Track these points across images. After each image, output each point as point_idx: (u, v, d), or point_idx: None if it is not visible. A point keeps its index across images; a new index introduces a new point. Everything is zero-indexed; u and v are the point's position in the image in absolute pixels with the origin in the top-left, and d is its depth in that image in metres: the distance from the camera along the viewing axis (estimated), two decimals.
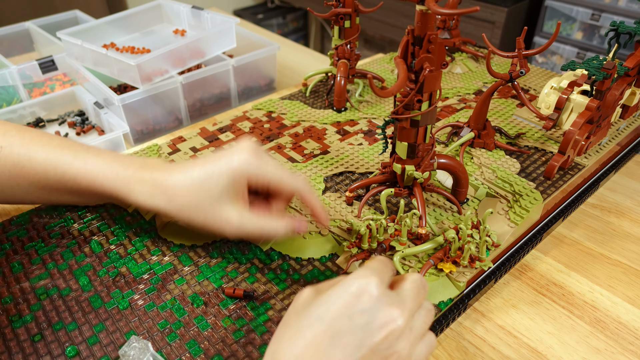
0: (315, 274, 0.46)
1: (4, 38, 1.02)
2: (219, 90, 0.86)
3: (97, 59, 0.79)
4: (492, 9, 1.85)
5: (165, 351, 0.40)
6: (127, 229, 0.52)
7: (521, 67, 0.57)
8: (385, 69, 0.86)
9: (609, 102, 0.58)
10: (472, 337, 0.45)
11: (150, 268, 0.47)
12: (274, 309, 0.43)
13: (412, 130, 0.45)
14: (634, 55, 0.60)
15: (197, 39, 0.79)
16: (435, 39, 0.40)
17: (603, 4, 1.72)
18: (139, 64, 0.72)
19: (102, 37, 0.89)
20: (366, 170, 0.60)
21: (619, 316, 0.47)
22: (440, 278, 0.45)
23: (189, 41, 0.77)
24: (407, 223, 0.46)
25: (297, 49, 1.14)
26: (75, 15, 1.08)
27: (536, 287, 0.50)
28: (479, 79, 0.81)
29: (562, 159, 0.56)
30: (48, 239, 0.51)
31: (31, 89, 0.86)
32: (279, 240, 0.49)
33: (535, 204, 0.52)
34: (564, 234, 0.57)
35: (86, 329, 0.41)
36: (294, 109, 0.74)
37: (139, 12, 0.93)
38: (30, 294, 0.45)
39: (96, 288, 0.45)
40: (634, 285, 0.50)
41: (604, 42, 1.76)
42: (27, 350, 0.40)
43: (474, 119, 0.61)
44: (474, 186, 0.56)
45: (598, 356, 0.43)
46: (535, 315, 0.47)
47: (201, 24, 0.92)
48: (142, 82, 0.74)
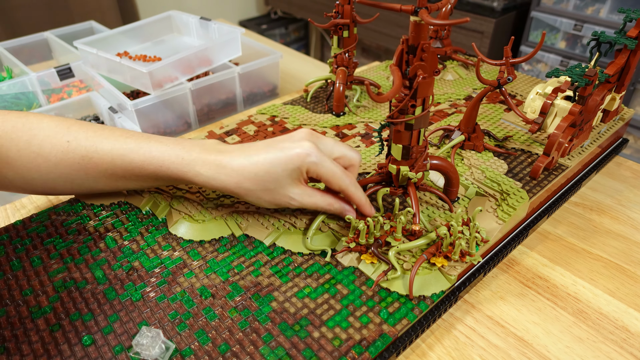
0: (316, 268, 0.46)
1: (24, 47, 1.02)
2: (225, 96, 0.86)
3: (111, 67, 0.79)
4: (481, 19, 1.85)
5: (176, 340, 0.40)
6: (140, 226, 0.52)
7: (508, 74, 0.57)
8: (382, 76, 0.86)
9: (590, 107, 0.58)
10: (462, 327, 0.45)
11: (161, 262, 0.47)
12: (277, 301, 0.43)
13: (406, 134, 0.45)
14: (614, 63, 0.60)
15: (205, 48, 0.79)
16: (428, 47, 0.40)
17: (585, 15, 1.72)
18: (151, 72, 0.72)
19: (115, 46, 0.89)
20: (363, 171, 0.60)
21: (600, 307, 0.47)
22: (432, 272, 0.45)
23: (197, 50, 0.78)
24: (401, 220, 0.46)
25: (298, 57, 1.14)
26: (91, 25, 1.08)
27: (522, 280, 0.50)
28: (469, 86, 0.81)
29: (546, 160, 0.56)
30: (66, 235, 0.51)
31: (49, 94, 0.86)
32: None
33: (521, 203, 0.52)
34: (548, 230, 0.57)
35: (101, 320, 0.41)
36: (296, 114, 0.74)
37: (150, 22, 0.93)
38: (49, 286, 0.45)
39: (111, 281, 0.45)
40: (614, 278, 0.50)
41: (586, 50, 1.75)
42: (46, 340, 0.40)
43: (464, 122, 0.61)
44: (464, 186, 0.56)
45: (581, 345, 0.43)
46: (522, 307, 0.47)
47: (209, 34, 0.92)
48: (153, 88, 0.74)
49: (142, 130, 0.73)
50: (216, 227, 0.51)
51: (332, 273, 0.46)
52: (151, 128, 0.77)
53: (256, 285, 0.45)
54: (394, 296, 0.43)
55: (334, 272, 0.46)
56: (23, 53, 1.02)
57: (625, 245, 0.54)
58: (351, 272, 0.46)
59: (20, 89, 0.82)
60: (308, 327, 0.41)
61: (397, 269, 0.44)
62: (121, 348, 0.39)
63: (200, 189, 0.56)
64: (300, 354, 0.38)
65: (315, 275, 0.46)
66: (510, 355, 0.42)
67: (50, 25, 1.37)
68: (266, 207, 0.49)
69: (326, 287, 0.44)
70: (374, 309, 0.42)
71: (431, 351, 0.43)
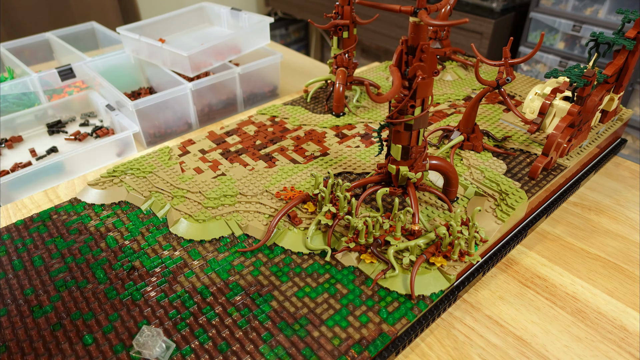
0: (316, 268, 0.46)
1: (26, 48, 1.02)
2: (226, 97, 0.86)
3: (152, 51, 0.83)
4: (480, 20, 1.85)
5: (176, 339, 0.40)
6: (140, 226, 0.52)
7: (507, 75, 0.57)
8: (381, 77, 0.86)
9: (589, 108, 0.58)
10: (461, 326, 0.45)
11: (162, 262, 0.47)
12: (277, 300, 0.43)
13: (405, 134, 0.45)
14: (613, 64, 0.60)
15: (236, 36, 0.82)
16: (427, 48, 0.40)
17: (584, 16, 1.71)
18: (190, 56, 0.76)
19: (152, 34, 0.92)
20: (363, 171, 0.60)
21: (599, 307, 0.47)
22: (432, 271, 0.45)
23: (228, 38, 0.81)
24: (401, 220, 0.46)
25: (298, 58, 1.14)
26: (92, 26, 1.08)
27: (521, 279, 0.50)
28: (468, 86, 0.81)
29: (545, 161, 0.56)
30: (67, 235, 0.51)
31: (51, 95, 0.85)
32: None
33: (520, 203, 0.52)
34: (547, 230, 0.56)
35: (102, 319, 0.41)
36: (296, 114, 0.74)
37: (184, 13, 0.97)
38: (50, 286, 0.45)
39: (111, 280, 0.45)
40: (612, 277, 0.50)
41: (584, 51, 1.75)
42: (48, 339, 0.40)
43: (464, 123, 0.61)
44: (464, 186, 0.56)
45: (579, 344, 0.43)
46: (521, 306, 0.47)
47: (239, 24, 0.96)
48: (192, 71, 0.78)
49: (143, 130, 0.74)
50: (216, 226, 0.51)
51: (332, 272, 0.46)
52: (152, 128, 0.77)
53: (256, 285, 0.45)
54: (393, 295, 0.43)
55: (333, 272, 0.46)
56: (25, 54, 1.02)
57: (623, 245, 0.54)
58: (350, 272, 0.46)
59: (22, 90, 0.81)
60: (308, 326, 0.41)
61: (395, 268, 0.44)
62: (122, 347, 0.39)
63: (200, 189, 0.56)
64: (299, 353, 0.38)
65: (314, 274, 0.46)
66: (509, 355, 0.42)
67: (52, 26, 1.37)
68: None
69: (326, 286, 0.44)
70: (374, 308, 0.42)
71: (430, 350, 0.43)
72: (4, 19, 1.68)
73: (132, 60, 0.90)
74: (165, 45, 0.78)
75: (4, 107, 0.81)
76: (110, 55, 0.88)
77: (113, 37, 1.04)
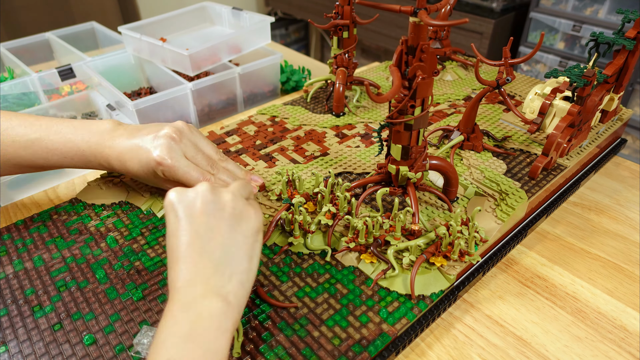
0: (316, 267, 0.46)
1: (26, 48, 1.02)
2: (226, 97, 0.86)
3: (153, 50, 0.82)
4: (480, 20, 1.85)
5: None
6: (141, 226, 0.52)
7: (507, 75, 0.57)
8: (381, 77, 0.86)
9: (589, 107, 0.58)
10: (461, 326, 0.45)
11: (162, 262, 0.47)
12: (277, 300, 0.43)
13: (405, 134, 0.45)
14: (612, 64, 0.60)
15: (236, 36, 0.82)
16: (427, 48, 0.40)
17: (584, 15, 1.72)
18: (191, 55, 0.76)
19: (153, 34, 0.92)
20: (363, 171, 0.60)
21: (599, 307, 0.47)
22: (432, 271, 0.45)
23: (229, 38, 0.81)
24: (401, 219, 0.46)
25: (298, 57, 1.14)
26: (92, 26, 1.08)
27: (521, 279, 0.50)
28: (468, 86, 0.81)
29: (545, 160, 0.56)
30: (67, 235, 0.51)
31: (51, 95, 0.86)
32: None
33: (520, 202, 0.52)
34: (547, 230, 0.57)
35: (102, 319, 0.41)
36: (296, 114, 0.74)
37: (185, 12, 0.97)
38: (51, 286, 0.45)
39: (112, 281, 0.45)
40: (612, 277, 0.50)
41: (584, 51, 1.75)
42: (48, 339, 0.40)
43: (464, 123, 0.61)
44: (464, 186, 0.56)
45: (579, 344, 0.43)
46: (521, 306, 0.47)
47: (240, 23, 0.96)
48: (192, 70, 0.78)
49: None
50: None
51: (332, 272, 0.46)
52: None
53: (256, 285, 0.45)
54: (393, 295, 0.43)
55: (333, 272, 0.46)
56: (25, 54, 1.02)
57: (623, 245, 0.54)
58: (350, 272, 0.46)
59: (22, 89, 0.81)
60: (308, 326, 0.41)
61: (395, 268, 0.44)
62: (122, 347, 0.39)
63: None
64: (299, 353, 0.38)
65: (314, 274, 0.46)
66: (509, 354, 0.42)
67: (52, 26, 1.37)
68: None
69: (326, 286, 0.44)
70: (374, 308, 0.42)
71: (430, 350, 0.43)
72: (4, 19, 1.68)
73: (132, 60, 0.90)
74: (166, 44, 0.78)
75: (4, 107, 0.81)
76: (111, 55, 0.88)
77: (113, 37, 1.04)
